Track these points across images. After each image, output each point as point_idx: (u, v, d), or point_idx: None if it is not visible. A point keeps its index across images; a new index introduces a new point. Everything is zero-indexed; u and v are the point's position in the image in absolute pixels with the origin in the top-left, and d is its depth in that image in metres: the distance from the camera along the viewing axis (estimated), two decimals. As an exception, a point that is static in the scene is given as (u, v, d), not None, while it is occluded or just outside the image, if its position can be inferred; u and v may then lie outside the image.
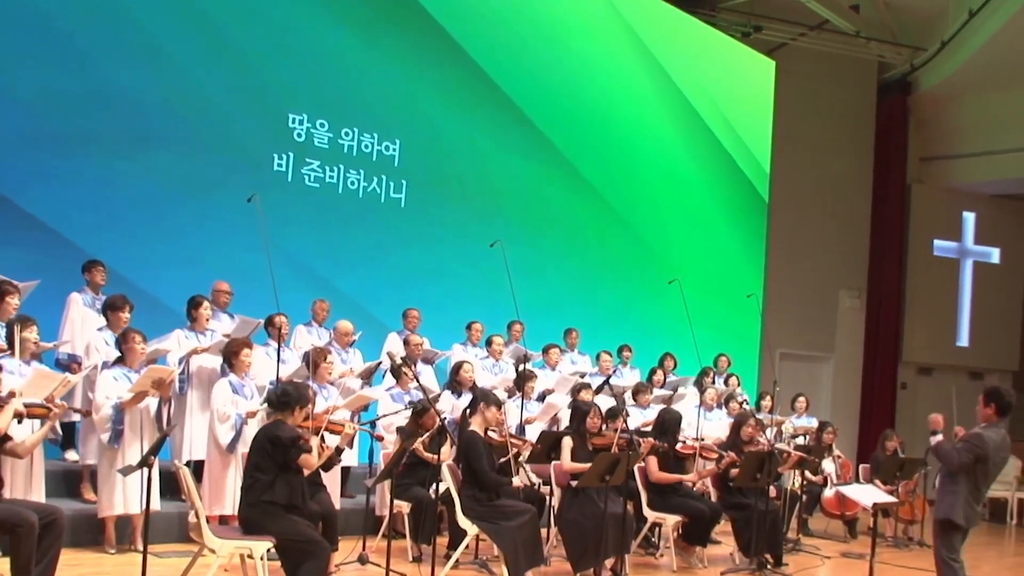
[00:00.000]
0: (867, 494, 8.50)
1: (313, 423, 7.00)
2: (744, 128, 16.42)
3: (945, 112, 18.80)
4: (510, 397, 9.68)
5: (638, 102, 14.97)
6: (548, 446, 8.52)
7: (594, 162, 14.25)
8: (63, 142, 9.64)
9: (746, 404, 11.67)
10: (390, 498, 7.85)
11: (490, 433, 7.98)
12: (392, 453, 7.87)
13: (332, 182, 11.59)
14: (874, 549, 8.16)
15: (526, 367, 10.16)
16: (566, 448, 8.37)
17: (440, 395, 9.45)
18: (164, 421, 7.56)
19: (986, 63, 16.64)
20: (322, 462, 6.59)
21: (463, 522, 7.56)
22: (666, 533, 9.24)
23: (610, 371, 11.26)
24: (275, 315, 8.59)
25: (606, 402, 9.75)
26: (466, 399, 9.11)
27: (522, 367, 10.14)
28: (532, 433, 9.34)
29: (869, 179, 18.71)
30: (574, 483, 8.06)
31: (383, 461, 8.22)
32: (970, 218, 19.33)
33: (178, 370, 8.08)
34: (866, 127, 18.68)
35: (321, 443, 6.73)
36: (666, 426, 9.17)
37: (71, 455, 8.65)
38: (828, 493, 11.70)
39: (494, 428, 8.02)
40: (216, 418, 7.78)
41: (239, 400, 7.79)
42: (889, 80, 18.85)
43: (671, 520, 8.92)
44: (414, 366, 9.42)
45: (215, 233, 10.39)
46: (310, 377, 8.05)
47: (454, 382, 9.63)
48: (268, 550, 6.10)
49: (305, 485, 6.36)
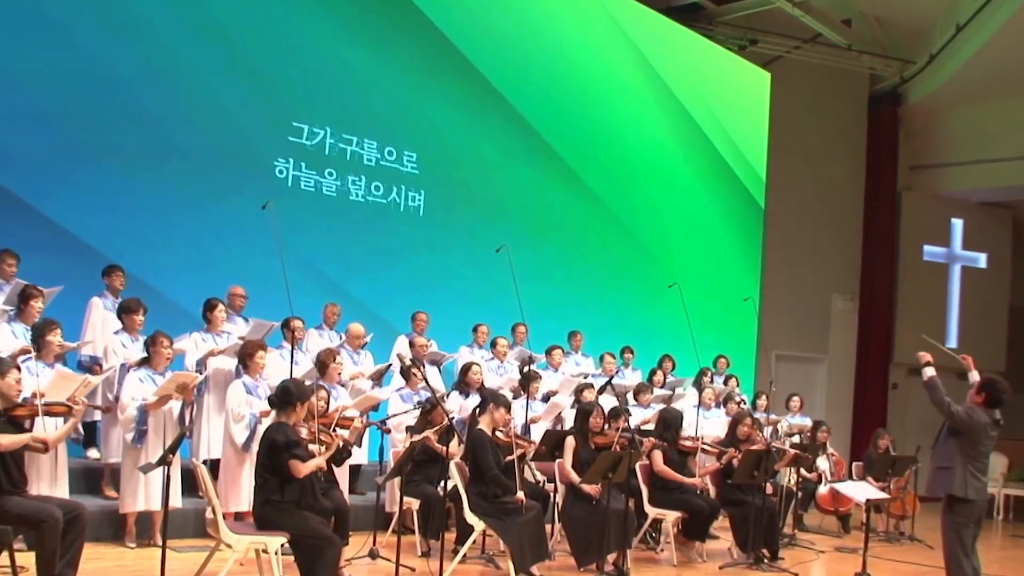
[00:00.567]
0: (860, 490, 8.48)
1: (324, 421, 6.98)
2: (741, 137, 16.42)
3: (934, 123, 18.83)
4: (515, 397, 9.65)
5: (639, 112, 14.96)
6: (552, 445, 8.49)
7: (596, 170, 14.24)
8: (85, 153, 9.63)
9: (744, 404, 11.66)
10: (400, 495, 7.81)
11: (497, 433, 7.95)
12: (401, 452, 7.85)
13: (344, 190, 11.57)
14: (867, 543, 8.13)
15: (530, 368, 10.12)
16: (569, 447, 8.36)
17: (448, 395, 9.42)
18: (186, 423, 7.55)
19: (973, 76, 16.67)
20: (330, 453, 6.53)
21: (470, 518, 7.53)
22: (666, 529, 9.21)
23: (613, 372, 11.23)
24: (291, 318, 8.57)
25: (609, 402, 9.73)
26: (473, 399, 9.09)
27: (526, 368, 10.11)
28: (536, 432, 9.31)
29: (861, 187, 18.74)
30: (578, 481, 8.05)
31: (393, 459, 8.20)
32: (958, 224, 19.35)
33: (201, 376, 8.06)
34: (858, 137, 18.70)
35: (331, 435, 6.68)
36: (668, 424, 9.15)
37: (92, 453, 8.65)
38: (822, 490, 11.69)
39: (501, 429, 8.00)
40: (231, 418, 7.77)
41: (253, 400, 7.76)
42: (880, 92, 18.88)
43: (671, 516, 8.91)
44: (422, 367, 9.39)
45: (230, 239, 10.38)
46: (320, 378, 8.04)
47: (462, 383, 9.59)
48: (282, 545, 6.07)
49: (316, 483, 6.33)
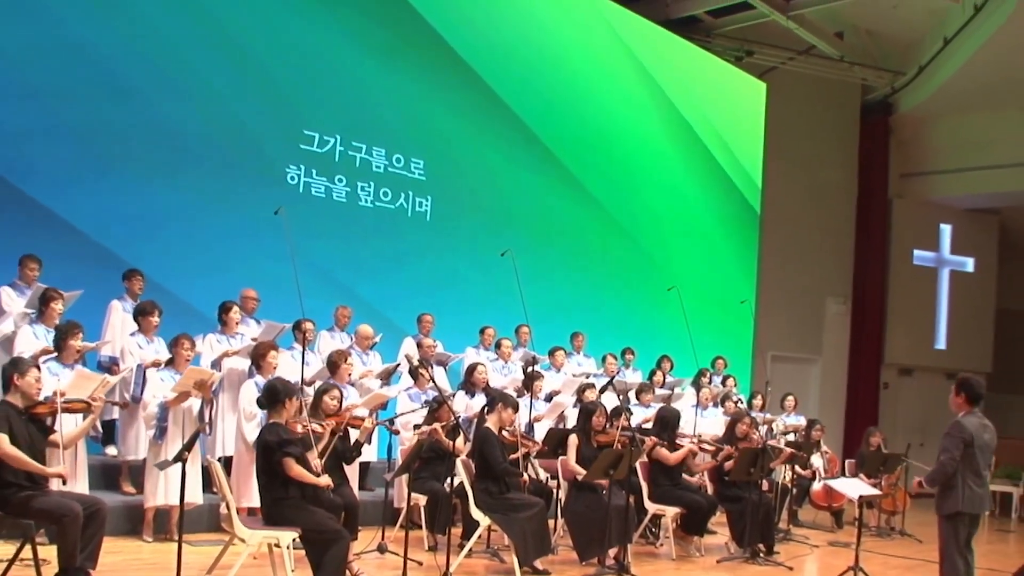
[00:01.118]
0: (852, 487, 8.43)
1: (337, 420, 6.96)
2: (737, 145, 16.40)
3: (923, 132, 18.82)
4: (519, 397, 9.62)
5: (639, 121, 14.95)
6: (555, 443, 8.47)
7: (598, 177, 14.22)
8: (106, 161, 9.63)
9: (741, 403, 11.64)
10: (407, 491, 7.79)
11: (503, 432, 7.93)
12: (409, 449, 7.84)
13: (353, 196, 11.56)
14: (859, 538, 8.09)
15: (534, 368, 10.11)
16: (572, 445, 8.34)
17: (454, 395, 9.41)
18: (206, 420, 7.53)
19: (960, 87, 16.68)
20: (321, 446, 6.50)
21: (476, 514, 7.51)
22: (666, 524, 9.19)
23: (614, 372, 11.21)
24: (303, 320, 8.56)
25: (611, 401, 9.70)
26: (479, 399, 9.08)
27: (530, 369, 10.09)
28: (540, 431, 9.28)
29: (853, 193, 18.74)
30: (580, 478, 8.03)
31: (401, 456, 8.18)
32: (946, 230, 19.34)
33: (219, 374, 8.05)
34: (850, 145, 18.68)
35: (323, 425, 6.64)
36: (665, 423, 9.13)
37: (111, 450, 8.65)
38: (816, 486, 11.68)
39: (508, 428, 7.98)
40: (243, 417, 7.76)
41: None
42: (871, 102, 18.87)
43: (670, 512, 8.88)
44: (430, 367, 9.37)
45: (244, 244, 10.36)
46: (331, 377, 8.02)
47: (468, 383, 9.56)
48: (293, 540, 6.05)
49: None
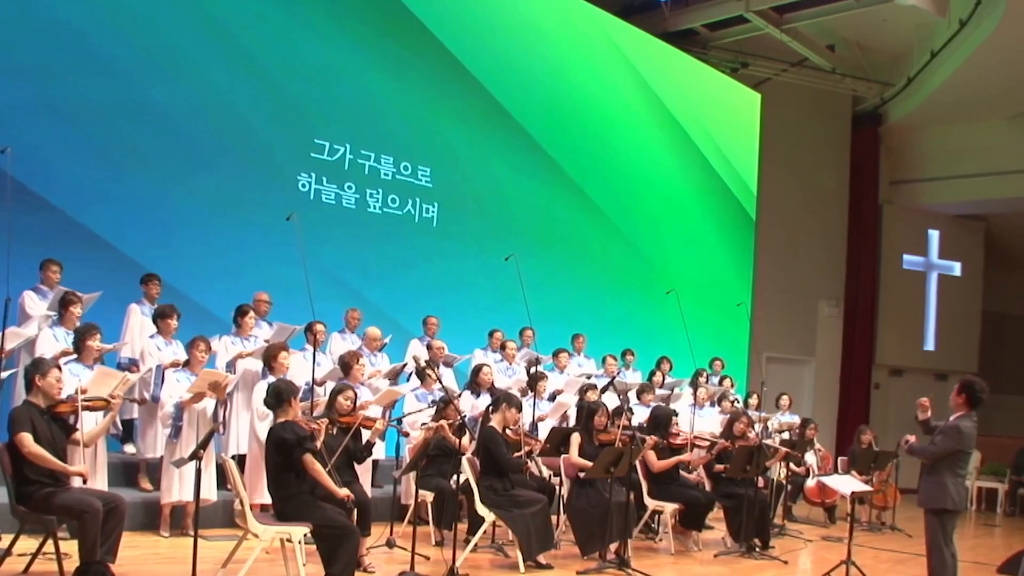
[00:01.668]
0: (845, 483, 8.40)
1: (349, 420, 6.95)
2: (733, 154, 16.41)
3: (912, 141, 18.86)
4: (523, 397, 9.61)
5: (638, 130, 14.95)
6: (558, 442, 8.46)
7: (599, 184, 14.22)
8: (123, 168, 9.63)
9: (737, 403, 11.62)
10: (415, 488, 7.79)
11: (507, 431, 7.93)
12: (416, 447, 7.84)
13: (362, 203, 11.56)
14: (851, 533, 8.08)
15: (537, 369, 10.10)
16: (574, 443, 8.33)
17: (460, 395, 9.40)
18: (220, 420, 7.53)
19: (947, 98, 16.73)
20: (320, 441, 6.47)
21: (481, 510, 7.52)
22: (665, 520, 9.17)
23: (614, 373, 11.20)
24: (314, 323, 8.56)
25: (612, 401, 9.69)
26: (484, 399, 9.07)
27: (533, 369, 10.08)
28: (544, 429, 9.28)
29: (845, 200, 18.76)
30: (582, 475, 8.03)
31: (408, 455, 8.17)
32: (935, 235, 19.37)
33: (235, 377, 8.05)
34: (842, 153, 18.71)
35: (319, 423, 6.62)
36: (658, 422, 9.13)
37: (129, 448, 8.64)
38: (810, 483, 11.67)
39: (511, 427, 7.98)
40: (256, 416, 7.76)
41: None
42: (862, 112, 18.91)
43: (669, 508, 8.87)
44: (436, 368, 9.36)
45: (257, 249, 10.35)
46: (344, 378, 8.02)
47: (474, 383, 9.55)
48: (305, 535, 6.05)
49: (332, 473, 6.29)
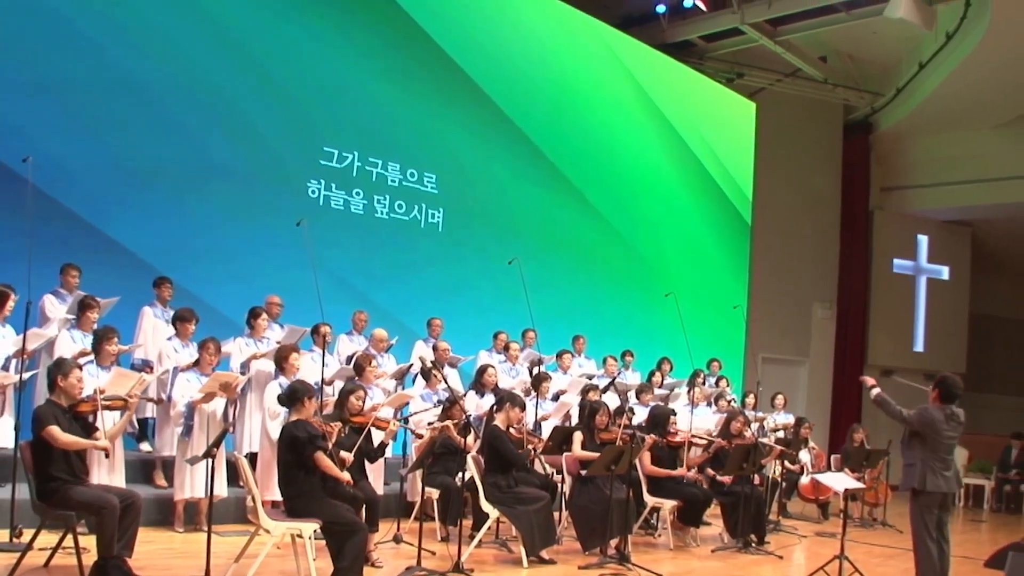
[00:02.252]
0: (838, 481, 8.40)
1: (361, 420, 6.95)
2: (729, 161, 16.41)
3: (901, 149, 18.87)
4: (526, 396, 9.61)
5: (637, 138, 14.96)
6: (560, 440, 8.46)
7: (599, 189, 14.23)
8: (140, 176, 9.65)
9: (734, 402, 11.62)
10: (421, 485, 7.79)
11: (511, 430, 7.93)
12: (422, 446, 7.84)
13: (370, 208, 11.57)
14: (844, 528, 8.06)
15: (540, 370, 10.09)
16: (577, 442, 8.34)
17: (465, 395, 9.39)
18: (229, 418, 7.54)
19: (935, 108, 16.76)
20: (332, 443, 6.45)
21: (486, 507, 7.51)
22: (664, 516, 9.16)
23: (615, 373, 11.20)
24: (320, 324, 8.56)
25: (612, 400, 9.69)
26: (488, 399, 9.06)
27: (536, 370, 10.07)
28: (546, 428, 9.28)
29: (837, 206, 18.78)
30: (583, 472, 8.03)
31: (415, 453, 8.17)
32: (924, 240, 19.40)
33: (244, 378, 8.05)
34: (834, 160, 18.71)
35: (331, 426, 6.61)
36: (657, 420, 9.11)
37: (145, 446, 8.64)
38: (804, 480, 11.66)
39: (515, 426, 7.98)
40: (267, 415, 7.76)
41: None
42: (853, 121, 18.93)
43: (668, 504, 8.87)
44: (442, 369, 9.36)
45: (268, 253, 10.35)
46: (356, 379, 8.01)
47: (479, 384, 9.54)
48: (315, 531, 6.05)
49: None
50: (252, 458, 7.95)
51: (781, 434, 11.78)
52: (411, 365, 9.72)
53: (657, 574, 7.39)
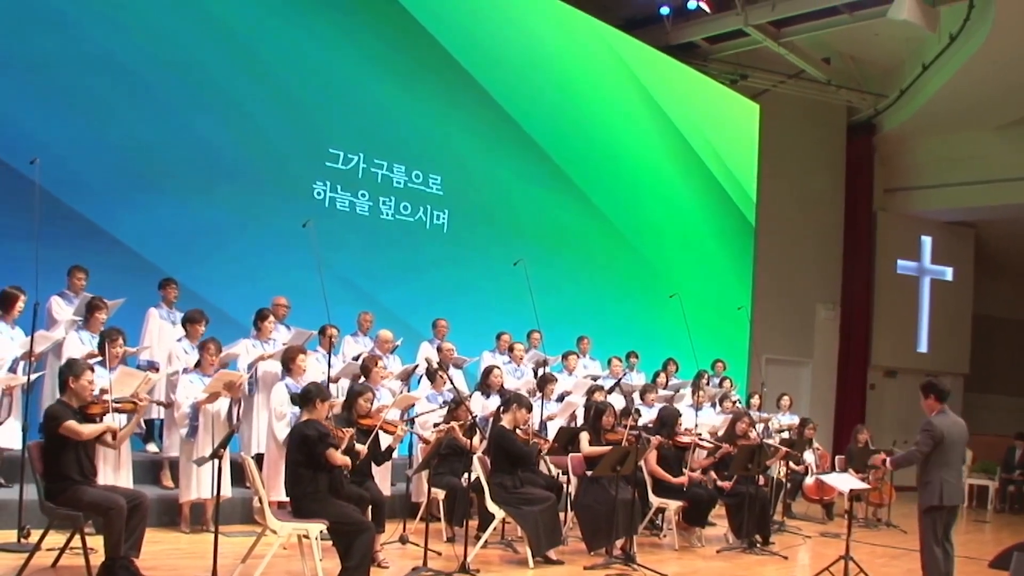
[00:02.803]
0: (842, 481, 8.37)
1: (369, 422, 6.93)
2: (733, 162, 16.39)
3: (905, 150, 18.84)
4: (531, 397, 9.60)
5: (641, 139, 14.94)
6: (566, 441, 8.45)
7: (603, 191, 14.20)
8: (146, 179, 9.63)
9: (739, 404, 11.60)
10: (427, 486, 7.78)
11: (517, 430, 7.91)
12: (428, 447, 7.82)
13: (376, 210, 11.56)
14: (849, 529, 8.05)
15: (546, 371, 10.08)
16: (583, 441, 8.33)
17: (471, 396, 9.38)
18: (234, 419, 7.53)
19: (938, 109, 16.70)
20: (343, 446, 6.42)
21: (491, 507, 7.50)
22: (669, 516, 9.16)
23: (620, 374, 11.17)
24: (326, 326, 8.54)
25: (617, 401, 9.67)
26: (494, 400, 9.05)
27: (540, 371, 10.05)
28: (553, 429, 9.26)
29: (841, 207, 18.74)
30: (589, 473, 8.01)
31: (421, 454, 8.15)
32: (927, 241, 19.36)
33: (247, 375, 8.04)
34: (838, 162, 18.67)
35: (344, 431, 6.59)
36: (665, 420, 9.11)
37: (151, 447, 8.63)
38: (809, 481, 11.60)
39: (521, 426, 7.97)
40: (274, 416, 7.75)
41: (295, 401, 7.73)
42: (856, 122, 18.87)
43: (673, 505, 8.86)
44: (447, 370, 9.34)
45: (274, 255, 10.34)
46: (364, 380, 7.99)
47: (485, 385, 9.53)
48: (321, 531, 6.04)
49: (342, 473, 6.27)
50: (258, 459, 7.95)
51: (786, 435, 11.75)
52: (416, 366, 9.71)
53: (662, 574, 7.37)
